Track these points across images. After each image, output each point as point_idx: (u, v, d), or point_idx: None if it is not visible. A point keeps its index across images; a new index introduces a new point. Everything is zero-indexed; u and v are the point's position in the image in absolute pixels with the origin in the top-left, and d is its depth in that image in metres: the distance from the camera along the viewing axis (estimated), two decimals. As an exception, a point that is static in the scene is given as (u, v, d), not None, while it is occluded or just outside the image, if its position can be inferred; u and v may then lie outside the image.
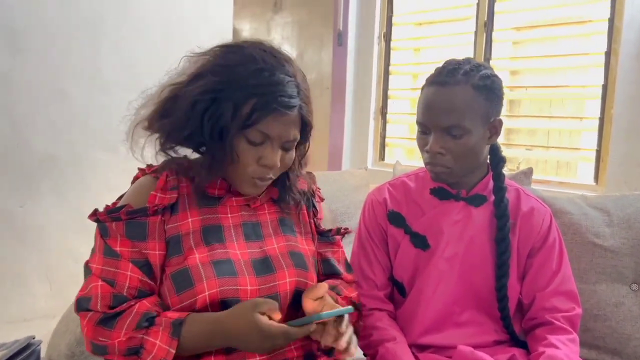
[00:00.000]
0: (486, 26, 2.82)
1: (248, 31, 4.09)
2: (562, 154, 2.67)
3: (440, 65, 1.27)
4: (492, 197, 1.30)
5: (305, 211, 1.24)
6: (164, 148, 1.09)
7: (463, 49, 2.92)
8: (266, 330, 0.97)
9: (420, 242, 1.31)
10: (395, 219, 1.35)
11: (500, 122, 1.24)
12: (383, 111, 3.36)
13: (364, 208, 1.41)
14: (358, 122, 3.43)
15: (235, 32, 4.15)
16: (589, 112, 2.57)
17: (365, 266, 1.37)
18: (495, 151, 1.31)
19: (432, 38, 3.16)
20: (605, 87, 2.42)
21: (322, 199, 1.31)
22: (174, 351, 0.99)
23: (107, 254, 1.05)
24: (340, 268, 1.25)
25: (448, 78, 1.21)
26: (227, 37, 3.10)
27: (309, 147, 1.19)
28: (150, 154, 1.10)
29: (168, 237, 1.08)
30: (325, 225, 1.27)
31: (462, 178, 1.29)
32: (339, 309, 1.03)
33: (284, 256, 1.14)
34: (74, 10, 2.49)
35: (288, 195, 1.18)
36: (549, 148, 2.70)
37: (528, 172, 1.69)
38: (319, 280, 1.21)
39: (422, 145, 1.26)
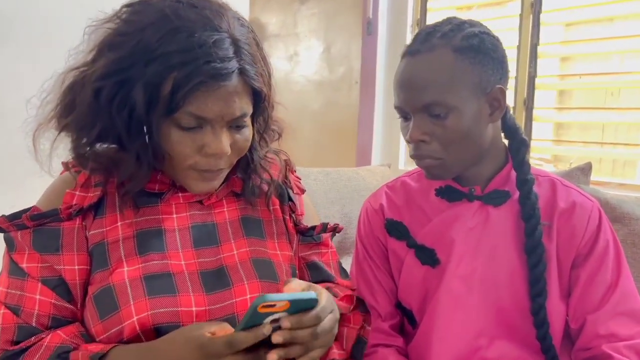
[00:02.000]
0: (533, 7, 2.54)
1: (275, 24, 3.91)
2: (620, 151, 2.38)
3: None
4: (517, 193, 1.00)
5: (279, 206, 0.97)
6: (76, 152, 0.84)
7: (508, 34, 2.63)
8: (208, 346, 0.70)
9: (427, 257, 1.03)
10: (395, 229, 1.08)
11: (502, 91, 0.96)
12: (417, 106, 3.09)
13: (359, 219, 1.14)
14: (389, 118, 3.18)
15: (261, 26, 3.98)
16: None
17: (365, 292, 1.10)
18: (512, 132, 1.03)
19: (473, 24, 2.88)
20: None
21: (302, 191, 1.04)
22: None
23: (13, 272, 0.83)
24: (332, 272, 0.99)
25: (421, 45, 0.95)
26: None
27: (269, 118, 0.91)
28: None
29: (91, 247, 0.84)
30: (308, 221, 1.01)
31: (469, 171, 1.00)
32: (297, 293, 0.74)
33: (244, 265, 0.88)
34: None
35: (253, 183, 0.92)
36: (603, 144, 2.41)
37: (586, 169, 1.38)
38: None
39: (404, 135, 0.99)
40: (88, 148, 0.84)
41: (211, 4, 0.81)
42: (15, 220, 0.84)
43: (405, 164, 3.11)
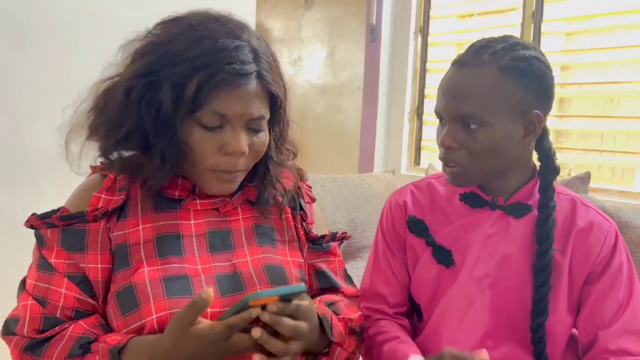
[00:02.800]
0: (534, 17, 2.59)
1: (279, 29, 3.97)
2: (619, 159, 2.41)
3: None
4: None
5: (290, 215, 1.02)
6: (105, 153, 0.90)
7: (509, 43, 2.67)
8: (208, 336, 0.77)
9: (443, 257, 1.08)
10: (416, 226, 1.12)
11: (539, 117, 1.00)
12: (419, 111, 3.16)
13: (383, 211, 1.19)
14: (391, 123, 3.23)
15: (266, 31, 4.03)
16: None
17: (377, 280, 1.15)
18: (547, 157, 1.07)
19: (475, 31, 2.92)
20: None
21: (313, 200, 1.09)
22: None
23: (42, 267, 0.89)
24: (339, 280, 1.04)
25: (471, 58, 1.00)
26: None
27: (285, 127, 0.98)
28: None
29: (114, 247, 0.89)
30: (317, 230, 1.06)
31: (494, 182, 1.04)
32: (285, 287, 0.83)
33: (257, 271, 0.93)
34: (83, 9, 2.35)
35: (269, 194, 0.97)
36: (603, 152, 2.44)
37: (585, 178, 1.42)
38: (313, 296, 1.00)
39: (437, 138, 1.05)
40: (115, 152, 0.90)
41: (233, 20, 0.90)
42: (46, 220, 0.89)
43: (407, 169, 3.16)
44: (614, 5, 2.35)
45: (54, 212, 0.90)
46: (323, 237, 1.06)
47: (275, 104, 0.91)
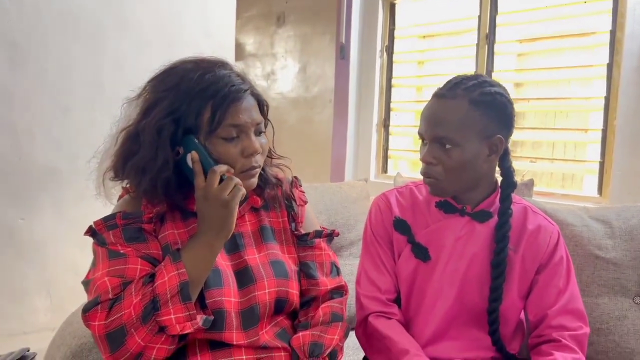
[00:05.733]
0: (488, 39, 2.82)
1: (252, 45, 4.10)
2: (567, 166, 2.65)
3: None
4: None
5: (287, 217, 1.24)
6: (140, 189, 1.07)
7: (466, 62, 2.92)
8: (210, 191, 1.01)
9: (421, 253, 1.29)
10: (401, 226, 1.33)
11: (501, 140, 1.22)
12: (385, 123, 3.36)
13: (370, 211, 1.40)
14: (360, 135, 3.44)
15: (238, 46, 4.15)
16: (593, 124, 2.55)
17: (370, 269, 1.34)
18: (507, 173, 1.29)
19: (435, 51, 3.15)
20: (607, 99, 2.41)
21: (304, 202, 1.30)
22: (183, 270, 0.99)
23: (113, 256, 1.04)
24: (318, 272, 1.22)
25: (447, 91, 1.21)
26: (229, 52, 3.08)
27: (273, 131, 1.22)
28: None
29: (162, 245, 1.09)
30: (307, 228, 1.26)
31: (465, 194, 1.27)
32: None
33: (264, 266, 1.14)
34: (74, 25, 2.51)
35: (269, 192, 1.21)
36: (553, 160, 2.68)
37: (529, 184, 1.67)
38: (302, 288, 1.20)
39: (420, 155, 1.26)
40: (150, 184, 1.05)
41: (213, 58, 1.12)
42: (110, 221, 1.06)
43: (375, 176, 3.35)
44: (562, 28, 2.59)
45: (113, 215, 1.07)
46: (307, 234, 1.23)
47: (264, 111, 1.15)
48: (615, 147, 2.35)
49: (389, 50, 3.34)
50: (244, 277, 1.11)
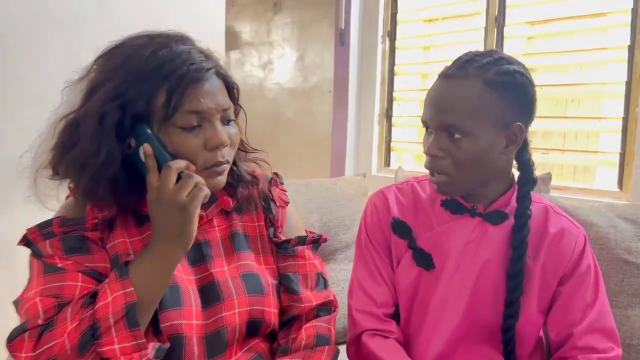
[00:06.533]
0: (497, 21, 2.66)
1: (248, 33, 3.96)
2: (580, 157, 2.49)
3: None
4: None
5: (264, 222, 1.05)
6: (79, 189, 0.90)
7: (474, 46, 2.73)
8: (164, 191, 0.85)
9: (423, 260, 1.11)
10: (400, 228, 1.15)
11: (521, 129, 1.04)
12: (388, 114, 3.20)
13: (365, 211, 1.22)
14: (361, 126, 3.27)
15: (234, 35, 4.02)
16: (607, 112, 2.38)
17: (364, 279, 1.16)
18: (526, 168, 1.11)
19: (441, 35, 2.98)
20: (629, 84, 2.22)
21: (286, 203, 1.11)
22: (131, 288, 0.82)
23: (49, 271, 0.87)
24: (301, 286, 1.04)
25: (457, 70, 1.03)
26: (219, 40, 2.89)
27: (245, 118, 1.04)
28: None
29: (111, 257, 0.91)
30: (289, 234, 1.08)
31: (476, 191, 1.08)
32: None
33: (235, 280, 0.96)
34: (47, 13, 2.34)
35: (242, 192, 1.02)
36: (564, 151, 2.52)
37: (546, 178, 1.49)
38: (282, 305, 1.02)
39: (424, 147, 1.08)
40: (90, 183, 0.88)
41: (172, 33, 0.95)
42: (46, 229, 0.89)
43: (377, 170, 3.19)
44: (573, 10, 2.42)
45: (50, 221, 0.91)
46: (288, 241, 1.06)
47: (234, 95, 0.98)
48: (638, 137, 2.15)
49: (392, 35, 3.16)
50: (210, 294, 0.94)
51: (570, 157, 2.50)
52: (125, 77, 0.87)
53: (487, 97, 1.00)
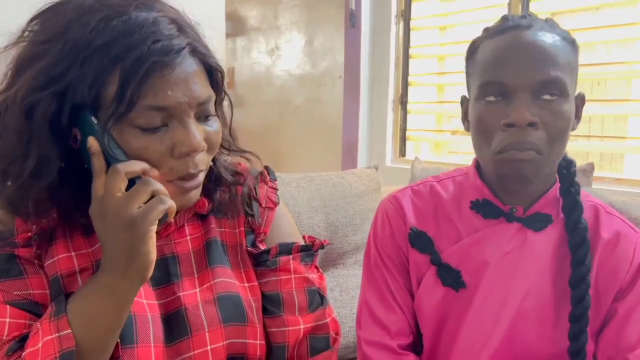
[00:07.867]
0: (521, -4, 2.48)
1: (254, 18, 3.83)
2: (607, 144, 2.33)
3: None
4: (560, 218, 0.91)
5: (244, 227, 0.85)
6: (8, 203, 0.70)
7: (496, 24, 2.56)
8: (108, 203, 0.65)
9: (450, 278, 0.92)
10: (420, 240, 0.95)
11: (583, 100, 0.88)
12: (403, 100, 3.04)
13: (375, 222, 1.01)
14: (374, 114, 3.11)
15: (240, 20, 3.89)
16: (636, 94, 2.23)
17: (374, 304, 0.97)
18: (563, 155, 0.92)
19: (459, 14, 2.81)
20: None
21: (274, 204, 0.90)
22: (68, 331, 0.64)
23: None
24: (284, 307, 0.84)
25: (532, 21, 0.84)
26: (219, 23, 2.71)
27: (231, 108, 0.81)
28: None
29: (51, 278, 0.72)
30: (275, 241, 0.87)
31: (518, 187, 0.90)
32: None
33: (207, 306, 0.76)
34: None
35: (221, 195, 0.81)
36: (590, 137, 2.35)
37: (588, 169, 1.29)
38: (266, 331, 0.82)
39: (495, 119, 0.84)
40: (17, 193, 0.69)
41: None
42: None
43: (392, 161, 3.04)
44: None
45: None
46: (267, 251, 0.85)
47: (216, 80, 0.75)
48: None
49: (406, 15, 2.99)
50: (175, 326, 0.74)
51: (596, 143, 2.35)
52: (61, 54, 0.65)
53: (569, 50, 0.84)
